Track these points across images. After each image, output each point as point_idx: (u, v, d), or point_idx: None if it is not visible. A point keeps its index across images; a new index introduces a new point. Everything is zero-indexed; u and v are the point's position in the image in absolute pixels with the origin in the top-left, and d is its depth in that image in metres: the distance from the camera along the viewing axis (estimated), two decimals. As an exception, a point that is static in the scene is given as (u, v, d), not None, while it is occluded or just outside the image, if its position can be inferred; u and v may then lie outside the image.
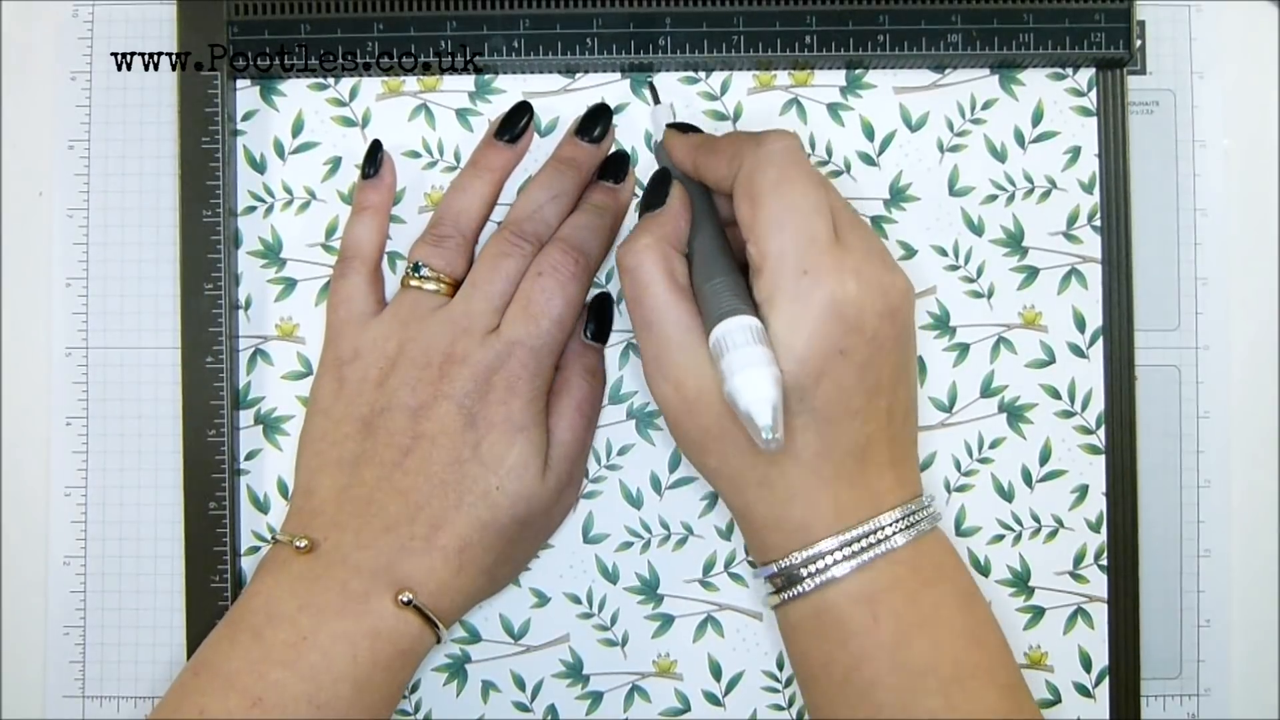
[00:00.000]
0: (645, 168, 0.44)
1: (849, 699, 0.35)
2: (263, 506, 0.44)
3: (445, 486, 0.39)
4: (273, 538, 0.40)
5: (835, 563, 0.35)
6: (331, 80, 0.44)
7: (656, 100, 0.43)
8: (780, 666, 0.43)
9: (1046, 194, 0.44)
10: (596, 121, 0.43)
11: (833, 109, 0.44)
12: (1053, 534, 0.43)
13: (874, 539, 0.35)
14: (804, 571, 0.35)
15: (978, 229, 0.44)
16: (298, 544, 0.38)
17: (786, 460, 0.35)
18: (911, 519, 0.36)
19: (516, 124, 0.43)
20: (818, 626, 0.36)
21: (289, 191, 0.44)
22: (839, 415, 0.35)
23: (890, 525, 0.35)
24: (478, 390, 0.39)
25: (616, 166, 0.43)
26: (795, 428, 0.35)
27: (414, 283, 0.41)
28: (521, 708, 0.43)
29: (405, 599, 0.38)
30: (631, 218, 0.44)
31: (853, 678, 0.35)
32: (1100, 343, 0.44)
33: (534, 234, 0.41)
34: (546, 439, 0.40)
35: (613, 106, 0.44)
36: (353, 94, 0.44)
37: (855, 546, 0.35)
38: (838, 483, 0.35)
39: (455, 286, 0.41)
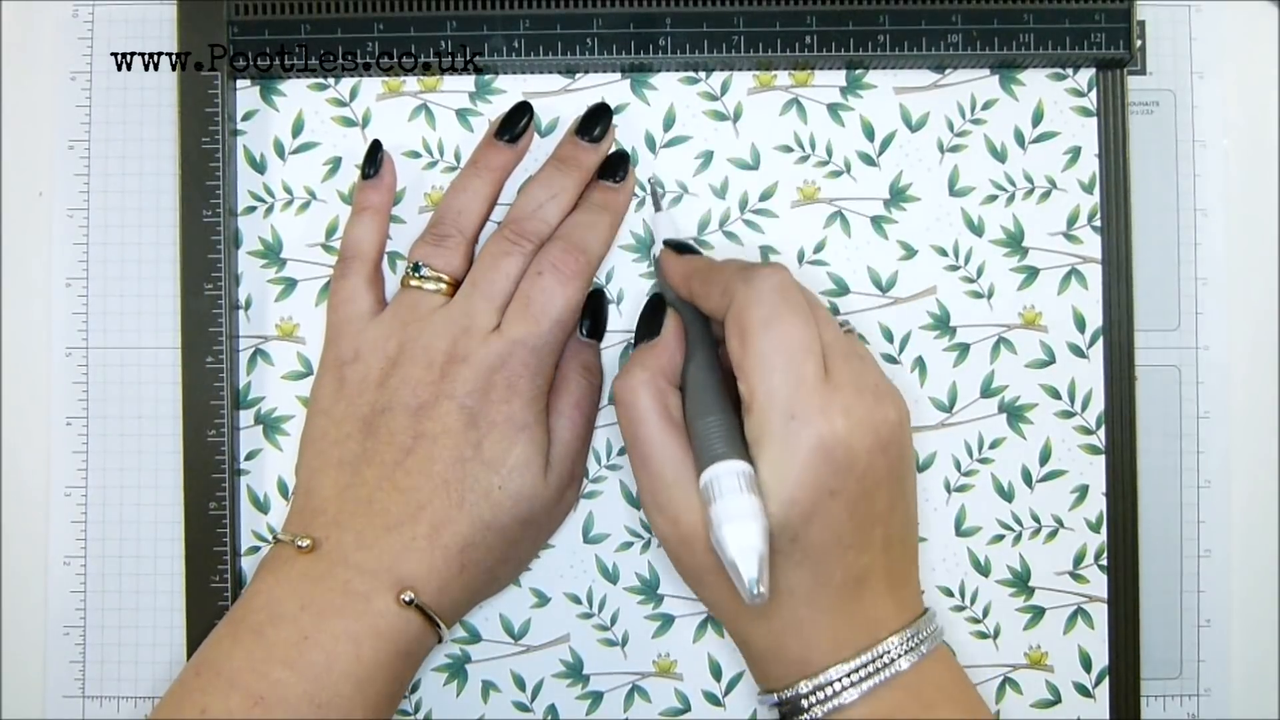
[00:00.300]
0: (643, 168, 0.44)
1: None
2: (263, 506, 0.44)
3: (447, 486, 0.39)
4: (274, 537, 0.40)
5: (839, 690, 0.35)
6: (331, 80, 0.44)
7: (657, 206, 0.43)
8: (780, 666, 0.43)
9: (1046, 194, 0.44)
10: (596, 121, 0.43)
11: (833, 109, 0.44)
12: (1053, 534, 0.43)
13: (877, 665, 0.35)
14: (808, 701, 0.35)
15: (978, 229, 0.44)
16: (300, 543, 0.38)
17: (783, 595, 0.35)
18: (912, 641, 0.36)
19: (517, 124, 0.42)
20: None
21: (289, 191, 0.44)
22: (832, 551, 0.35)
23: (893, 650, 0.35)
24: (479, 390, 0.39)
25: (617, 165, 0.43)
26: (788, 566, 0.35)
27: (414, 282, 0.41)
28: (521, 708, 0.43)
29: (407, 598, 0.38)
30: (632, 219, 0.44)
31: None
32: (1100, 343, 0.44)
33: (534, 233, 0.41)
34: (548, 438, 0.41)
35: (613, 107, 0.44)
36: (353, 94, 0.44)
37: (859, 674, 0.35)
38: (835, 614, 0.35)
39: (456, 286, 0.41)
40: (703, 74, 0.44)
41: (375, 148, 0.43)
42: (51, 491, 0.44)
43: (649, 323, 0.40)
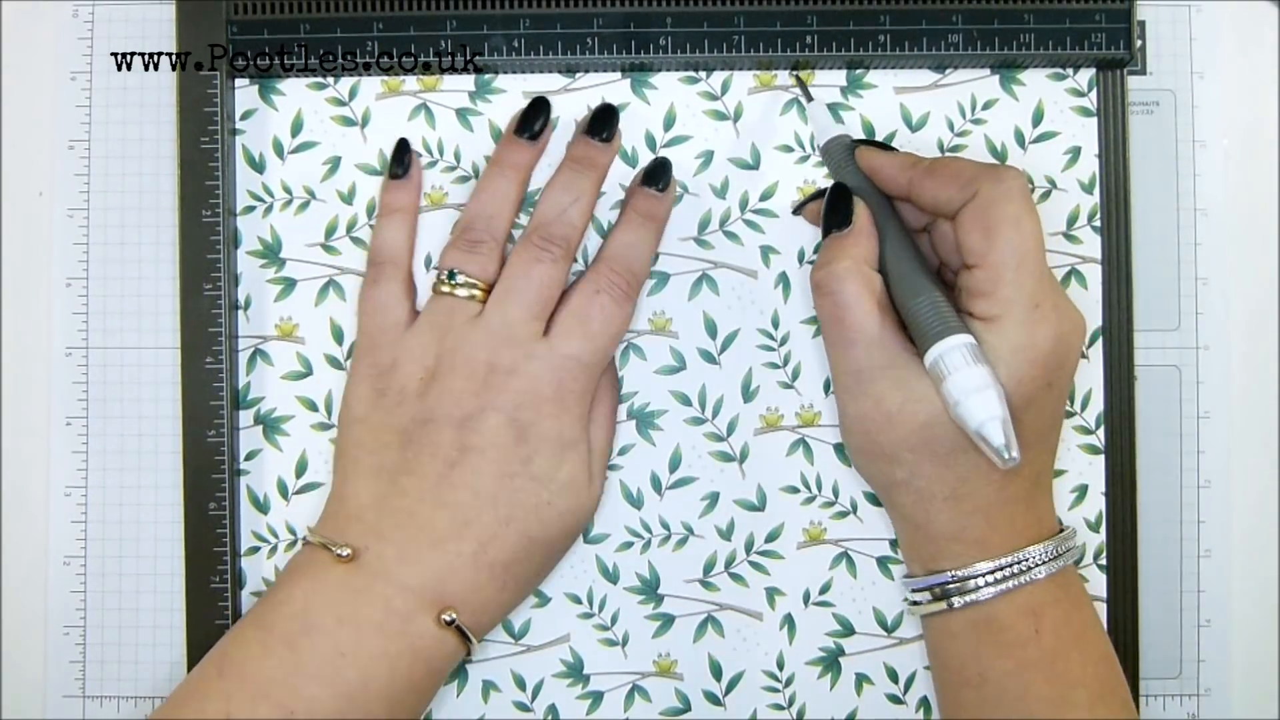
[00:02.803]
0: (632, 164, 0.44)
1: (1002, 705, 0.37)
2: (263, 507, 0.44)
3: (494, 502, 0.39)
4: (304, 539, 0.40)
5: (1008, 576, 0.37)
6: (331, 80, 0.44)
7: (809, 96, 0.43)
8: (780, 666, 0.43)
9: (1046, 194, 0.44)
10: (605, 123, 0.42)
11: (834, 109, 0.44)
12: (1053, 534, 0.43)
13: (1042, 557, 0.37)
14: (978, 582, 0.37)
15: (978, 229, 0.44)
16: (339, 552, 0.38)
17: (978, 477, 0.37)
18: (1067, 544, 0.38)
19: (536, 120, 0.42)
20: (980, 635, 0.37)
21: (288, 191, 0.44)
22: (1033, 442, 0.37)
23: (1055, 547, 0.38)
24: (529, 403, 0.39)
25: (662, 173, 0.42)
26: None
27: (445, 289, 0.41)
28: (522, 708, 0.43)
29: (449, 618, 0.38)
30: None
31: (1008, 685, 0.37)
32: (1100, 343, 0.44)
33: (562, 237, 0.41)
34: (589, 449, 0.41)
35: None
36: (352, 93, 0.44)
37: (1027, 563, 0.37)
38: (1017, 504, 0.38)
39: (489, 291, 0.41)
40: (703, 73, 0.44)
41: (404, 147, 0.43)
42: (51, 491, 0.44)
43: (839, 212, 0.39)
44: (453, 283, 0.41)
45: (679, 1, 0.42)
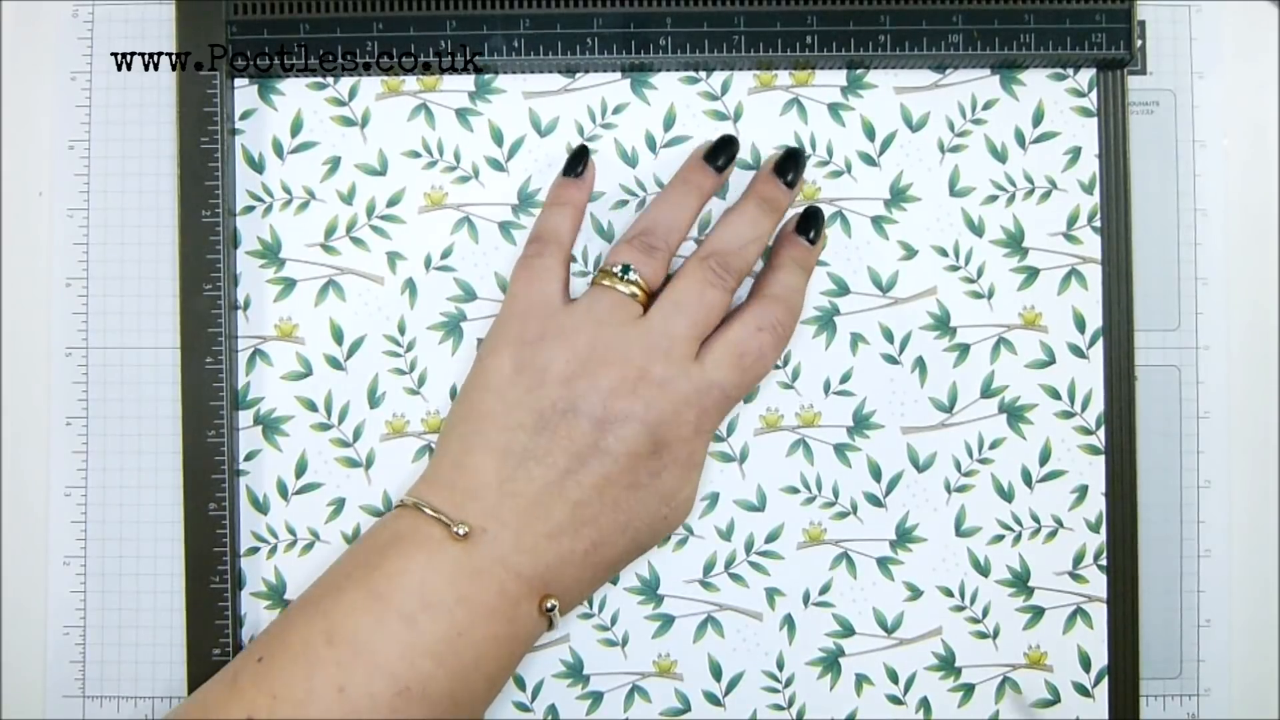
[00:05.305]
0: (644, 168, 0.44)
1: None
2: (262, 507, 0.44)
3: (616, 508, 0.39)
4: (407, 504, 0.38)
5: None
6: (330, 79, 0.44)
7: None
8: (780, 666, 0.43)
9: (1047, 194, 0.44)
10: (792, 163, 0.42)
11: (833, 109, 0.44)
12: (1052, 534, 0.44)
13: None
14: None
15: (978, 229, 0.44)
16: (457, 530, 0.37)
17: None
18: None
19: (721, 155, 0.42)
20: None
21: (288, 191, 0.44)
22: None
23: None
24: (670, 420, 0.39)
25: (812, 224, 0.42)
26: None
27: (607, 282, 0.40)
28: (522, 708, 0.43)
29: (550, 606, 0.38)
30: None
31: None
32: (1100, 343, 0.44)
33: (737, 271, 0.41)
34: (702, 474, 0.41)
35: (613, 107, 0.44)
36: (352, 93, 0.44)
37: None
38: None
39: (649, 296, 0.40)
40: (703, 74, 0.44)
41: (584, 151, 0.43)
42: (51, 491, 0.44)
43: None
44: (624, 279, 0.40)
45: (679, 1, 0.42)
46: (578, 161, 0.43)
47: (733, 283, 0.41)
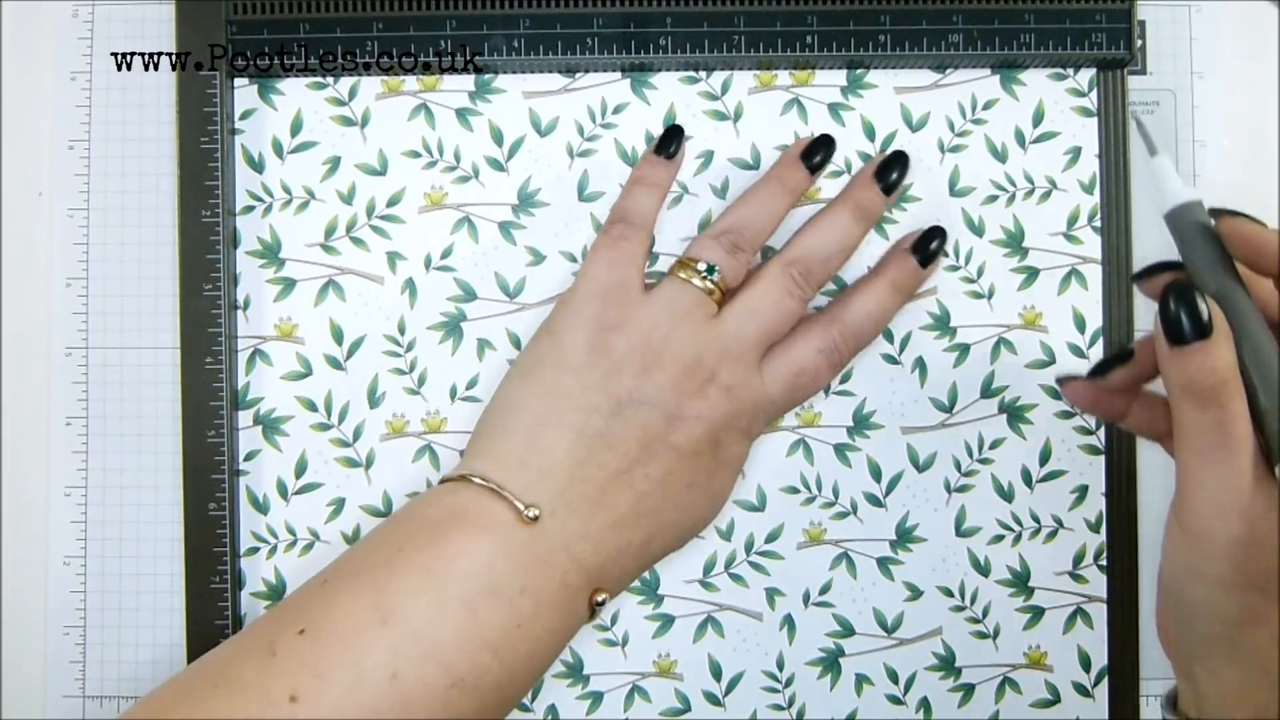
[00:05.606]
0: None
1: None
2: (262, 507, 0.44)
3: (673, 505, 0.38)
4: (471, 478, 0.36)
5: None
6: (330, 79, 0.44)
7: (1152, 150, 0.35)
8: (780, 666, 0.43)
9: (1047, 194, 0.44)
10: (894, 167, 0.42)
11: (834, 109, 0.44)
12: (1052, 534, 0.44)
13: None
14: None
15: (978, 229, 0.44)
16: (529, 513, 0.36)
17: None
18: None
19: (822, 153, 0.42)
20: None
21: (288, 191, 0.44)
22: None
23: None
24: (730, 424, 0.39)
25: (929, 243, 0.42)
26: None
27: (688, 276, 0.40)
28: (522, 708, 0.43)
29: (601, 600, 0.37)
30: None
31: None
32: (1100, 343, 0.44)
33: (818, 281, 0.40)
34: None
35: (613, 107, 0.44)
36: (352, 93, 0.44)
37: None
38: None
39: (724, 295, 0.40)
40: (703, 74, 0.44)
41: (679, 132, 0.42)
42: (51, 491, 0.44)
43: (1193, 320, 0.32)
44: (706, 277, 0.40)
45: (679, 1, 0.42)
46: (670, 141, 0.42)
47: (811, 294, 0.40)
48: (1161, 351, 0.33)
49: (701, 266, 0.40)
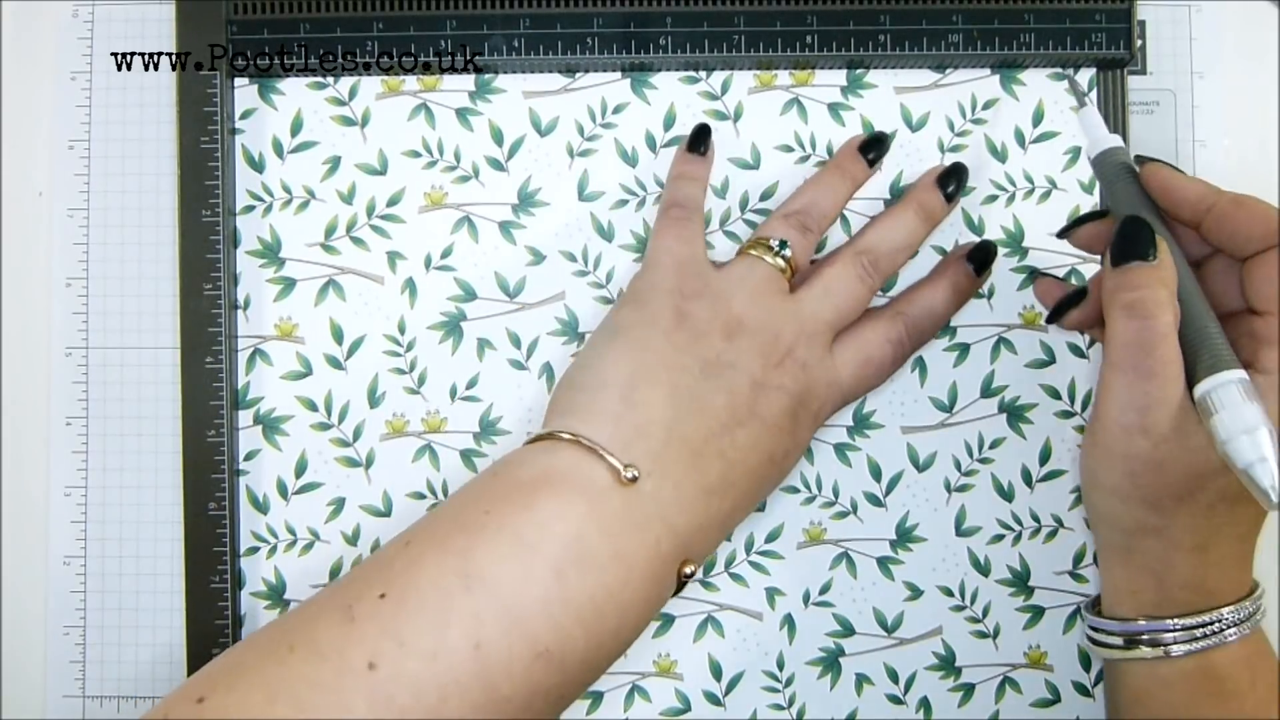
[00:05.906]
0: (643, 168, 0.44)
1: None
2: (262, 507, 0.44)
3: (754, 477, 0.38)
4: (563, 435, 0.35)
5: (1230, 624, 0.36)
6: (330, 79, 0.44)
7: (1081, 103, 0.41)
8: (780, 666, 0.43)
9: (1047, 194, 0.44)
10: (953, 178, 0.42)
11: (833, 109, 0.44)
12: (1052, 534, 0.44)
13: (1258, 610, 0.37)
14: (1204, 631, 0.36)
15: (978, 229, 0.44)
16: (627, 474, 0.34)
17: (1229, 529, 0.36)
18: (1260, 594, 0.38)
19: (879, 148, 0.42)
20: (1198, 684, 0.36)
21: (288, 191, 0.44)
22: None
23: (1261, 600, 0.37)
24: (805, 401, 0.39)
25: (988, 260, 0.43)
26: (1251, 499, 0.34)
27: (755, 252, 0.40)
28: (522, 708, 0.43)
29: (689, 571, 0.36)
30: (631, 219, 0.43)
31: None
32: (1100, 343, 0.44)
33: (884, 272, 0.41)
34: None
35: (612, 106, 0.44)
36: (352, 93, 0.44)
37: (1247, 614, 0.36)
38: (1248, 558, 0.37)
39: (793, 274, 0.40)
40: (703, 73, 0.44)
41: (707, 130, 0.42)
42: (51, 491, 0.44)
43: (1142, 244, 0.36)
44: (778, 253, 0.40)
45: (679, 1, 0.42)
46: (700, 141, 0.42)
47: (878, 283, 0.41)
48: (1105, 270, 0.36)
49: (774, 243, 0.40)
